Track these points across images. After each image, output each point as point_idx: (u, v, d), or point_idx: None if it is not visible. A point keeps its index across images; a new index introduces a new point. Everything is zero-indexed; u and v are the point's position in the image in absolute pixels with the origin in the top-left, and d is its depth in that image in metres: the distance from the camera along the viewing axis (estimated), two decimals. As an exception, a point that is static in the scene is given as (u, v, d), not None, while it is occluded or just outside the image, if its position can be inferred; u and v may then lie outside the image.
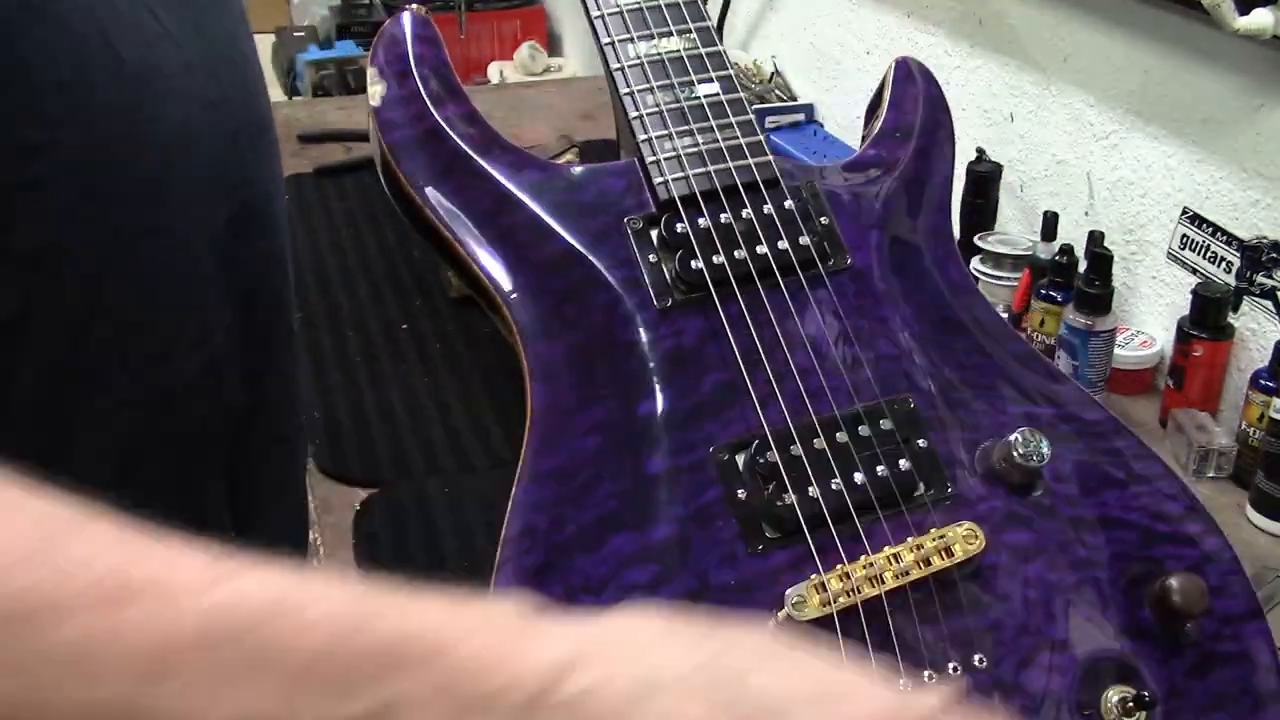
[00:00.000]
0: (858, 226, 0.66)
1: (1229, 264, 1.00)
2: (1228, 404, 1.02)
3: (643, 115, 0.65)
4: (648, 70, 0.66)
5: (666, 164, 0.64)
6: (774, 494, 0.56)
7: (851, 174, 0.70)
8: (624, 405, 0.59)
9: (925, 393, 0.61)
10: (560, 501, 0.56)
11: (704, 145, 0.64)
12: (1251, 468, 0.92)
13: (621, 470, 0.57)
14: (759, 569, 0.55)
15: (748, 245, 0.62)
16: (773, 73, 1.75)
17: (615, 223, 0.63)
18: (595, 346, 0.60)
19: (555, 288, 0.62)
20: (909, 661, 0.54)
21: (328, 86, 2.59)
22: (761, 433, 0.58)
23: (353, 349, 1.08)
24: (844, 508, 0.57)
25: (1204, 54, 1.02)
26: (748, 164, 0.64)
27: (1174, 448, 0.98)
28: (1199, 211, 1.04)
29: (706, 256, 0.62)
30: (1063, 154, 1.21)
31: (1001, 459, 0.59)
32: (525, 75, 2.39)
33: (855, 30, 1.56)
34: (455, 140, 0.65)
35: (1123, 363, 1.05)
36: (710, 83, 0.66)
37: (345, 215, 1.37)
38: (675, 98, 0.66)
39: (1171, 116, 1.06)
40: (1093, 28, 1.15)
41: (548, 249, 0.63)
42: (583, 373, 0.60)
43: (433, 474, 0.92)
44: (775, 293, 0.62)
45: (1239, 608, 0.60)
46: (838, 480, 0.57)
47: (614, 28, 0.66)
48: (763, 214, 0.63)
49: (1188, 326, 0.99)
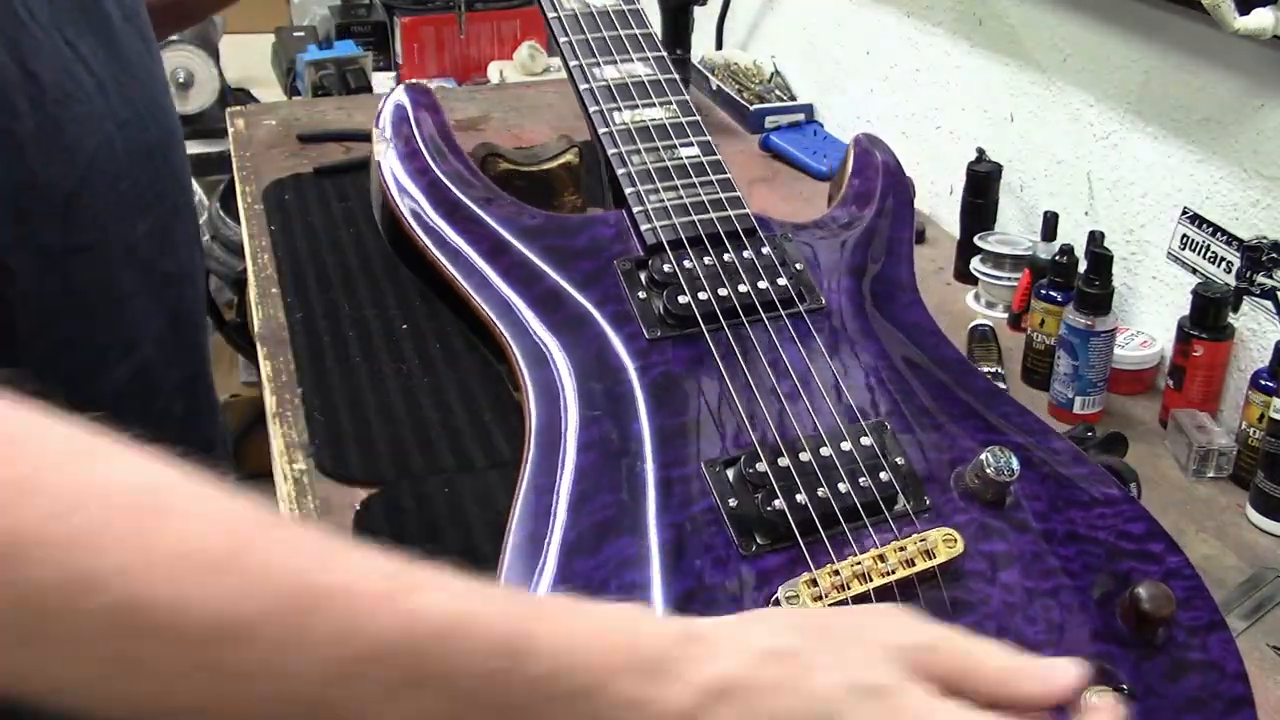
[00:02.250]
0: (828, 273, 0.72)
1: (1229, 264, 1.00)
2: (1228, 404, 1.02)
3: (630, 171, 0.70)
4: (634, 134, 0.72)
5: (653, 213, 0.69)
6: (764, 501, 0.59)
7: (821, 229, 0.77)
8: (618, 424, 0.62)
9: (900, 417, 0.66)
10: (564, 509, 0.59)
11: (687, 198, 0.69)
12: (1251, 468, 0.92)
13: (617, 482, 0.60)
14: (752, 571, 0.58)
15: (730, 284, 0.67)
16: (773, 73, 1.75)
17: (606, 265, 0.68)
18: (589, 372, 0.64)
19: (550, 321, 0.66)
20: None
21: (327, 86, 2.59)
22: (750, 447, 0.61)
23: (353, 349, 1.08)
24: (831, 513, 0.60)
25: (1204, 54, 1.02)
26: (728, 215, 0.70)
27: (1174, 448, 0.98)
28: (1199, 211, 1.04)
29: (693, 293, 0.66)
30: (1063, 154, 1.21)
31: (974, 476, 0.62)
32: (525, 75, 2.39)
33: (855, 30, 1.56)
34: (454, 191, 0.70)
35: (1123, 363, 1.05)
36: (691, 146, 0.73)
37: (345, 215, 1.37)
38: (659, 158, 0.71)
39: (1171, 116, 1.07)
40: (1093, 28, 1.15)
41: (542, 287, 0.67)
42: (578, 395, 0.63)
43: (433, 474, 0.92)
44: (757, 326, 0.66)
45: (1204, 619, 0.62)
46: (824, 489, 0.60)
47: (602, 98, 0.73)
48: (743, 258, 0.69)
49: (1188, 326, 0.99)
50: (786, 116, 1.64)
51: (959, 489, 0.64)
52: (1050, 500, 0.65)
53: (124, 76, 0.63)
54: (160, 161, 0.66)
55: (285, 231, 1.32)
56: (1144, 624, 0.59)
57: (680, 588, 0.57)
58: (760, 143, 1.60)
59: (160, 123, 0.66)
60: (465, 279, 0.67)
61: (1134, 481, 0.88)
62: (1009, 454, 0.62)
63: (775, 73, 1.75)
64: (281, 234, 1.32)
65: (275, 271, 1.24)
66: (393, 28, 2.92)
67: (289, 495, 0.88)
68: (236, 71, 2.72)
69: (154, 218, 0.64)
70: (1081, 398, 1.01)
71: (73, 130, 0.58)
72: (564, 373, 0.64)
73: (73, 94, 0.58)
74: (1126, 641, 0.60)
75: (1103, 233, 1.03)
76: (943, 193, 1.40)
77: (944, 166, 1.40)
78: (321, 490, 0.90)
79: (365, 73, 2.66)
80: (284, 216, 1.36)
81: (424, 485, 0.90)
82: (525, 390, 0.64)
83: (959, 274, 1.27)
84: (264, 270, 1.24)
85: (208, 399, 0.71)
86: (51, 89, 0.56)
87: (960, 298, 1.24)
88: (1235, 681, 0.60)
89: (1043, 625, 0.60)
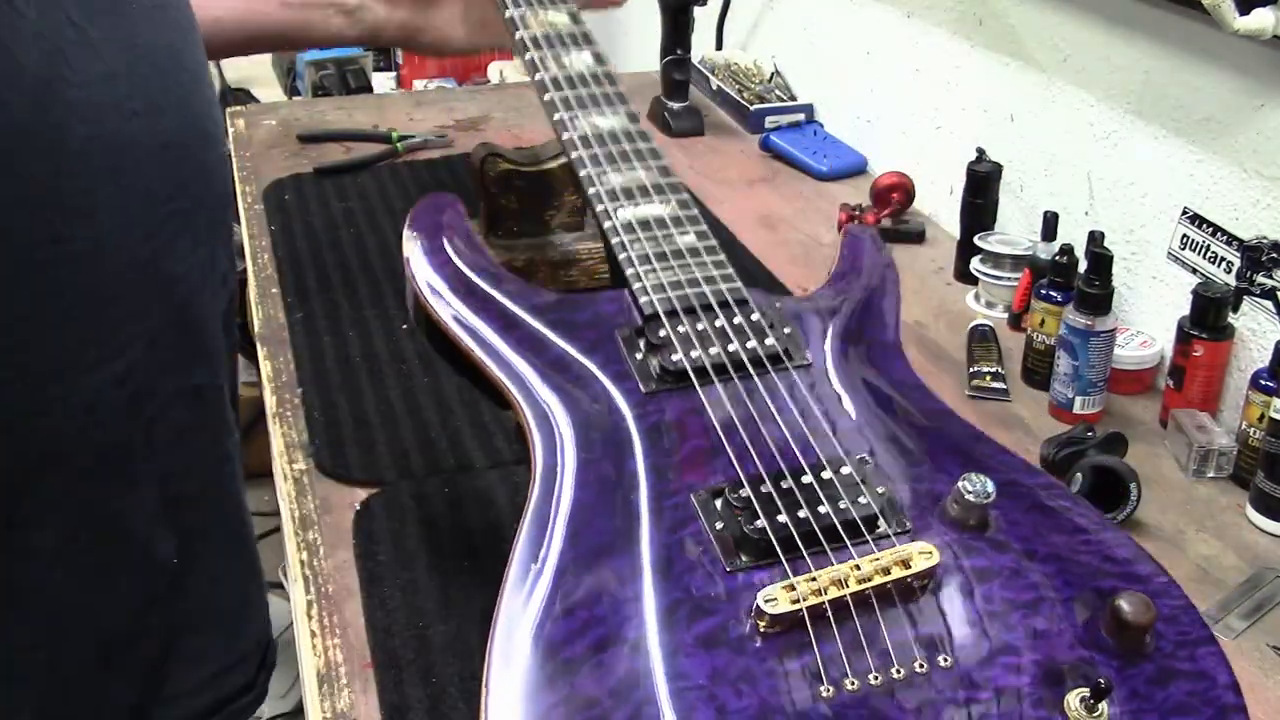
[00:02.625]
0: (815, 336, 0.78)
1: (1229, 264, 1.00)
2: (1228, 404, 1.02)
3: (631, 256, 0.78)
4: (635, 226, 0.80)
5: (650, 288, 0.76)
6: (747, 521, 0.64)
7: (810, 301, 0.83)
8: (615, 464, 0.68)
9: (882, 454, 0.70)
10: (560, 536, 0.63)
11: (683, 276, 0.77)
12: (1251, 468, 0.92)
13: (613, 511, 0.65)
14: (736, 583, 0.62)
15: (720, 344, 0.74)
16: (773, 73, 1.75)
17: (607, 334, 0.75)
18: (590, 423, 0.70)
19: (555, 383, 0.72)
20: (878, 659, 0.59)
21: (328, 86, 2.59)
22: (736, 478, 0.66)
23: (353, 349, 1.08)
24: (812, 532, 0.64)
25: (1204, 54, 1.02)
26: (720, 288, 0.77)
27: (1174, 448, 0.98)
28: (1199, 211, 1.04)
29: (686, 352, 0.73)
30: (1063, 154, 1.21)
31: (954, 502, 0.66)
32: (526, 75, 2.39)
33: (855, 30, 1.56)
34: (474, 278, 0.79)
35: (1123, 363, 1.05)
36: (688, 235, 0.80)
37: (345, 215, 1.37)
38: (659, 244, 0.79)
39: (1171, 116, 1.07)
40: (1093, 28, 1.15)
41: (549, 355, 0.74)
42: (579, 441, 0.69)
43: (433, 474, 0.92)
44: (747, 380, 0.72)
45: (1193, 634, 0.63)
46: (804, 510, 0.64)
47: (607, 198, 0.81)
48: (733, 323, 0.75)
49: (1188, 326, 0.99)
50: (786, 116, 1.64)
51: (942, 519, 0.66)
52: (1033, 526, 0.67)
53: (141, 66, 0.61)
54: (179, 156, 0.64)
55: (285, 231, 1.33)
56: (1127, 633, 0.60)
57: (668, 599, 0.60)
58: (760, 143, 1.60)
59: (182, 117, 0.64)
60: (482, 351, 0.74)
61: (1134, 482, 0.88)
62: (984, 478, 0.65)
63: (775, 73, 1.75)
64: (281, 234, 1.32)
65: (275, 271, 1.24)
66: (393, 28, 2.92)
67: (289, 495, 0.88)
68: (237, 72, 2.72)
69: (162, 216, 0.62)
70: (1081, 398, 1.01)
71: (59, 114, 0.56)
72: (564, 424, 0.70)
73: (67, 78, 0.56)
74: (1112, 651, 0.61)
75: (1103, 233, 1.03)
76: (943, 193, 1.40)
77: (944, 166, 1.40)
78: (321, 490, 0.90)
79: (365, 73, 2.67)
80: (284, 216, 1.37)
81: (424, 485, 0.90)
82: (531, 440, 0.69)
83: (959, 274, 1.27)
84: (264, 270, 1.24)
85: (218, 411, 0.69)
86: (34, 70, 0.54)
87: (960, 298, 1.24)
88: (1226, 691, 0.61)
89: (1023, 632, 0.61)
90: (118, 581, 0.63)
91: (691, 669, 0.57)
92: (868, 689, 0.58)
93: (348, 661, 0.76)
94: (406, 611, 0.78)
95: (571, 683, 0.56)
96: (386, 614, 0.78)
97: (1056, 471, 0.94)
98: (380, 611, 0.78)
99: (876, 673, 0.58)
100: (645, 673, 0.57)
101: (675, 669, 0.57)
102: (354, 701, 0.73)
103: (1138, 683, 0.60)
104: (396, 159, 1.55)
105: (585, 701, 0.55)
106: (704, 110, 1.71)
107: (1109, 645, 0.61)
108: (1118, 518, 0.88)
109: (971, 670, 0.59)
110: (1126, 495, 0.88)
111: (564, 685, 0.56)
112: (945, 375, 1.09)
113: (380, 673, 0.74)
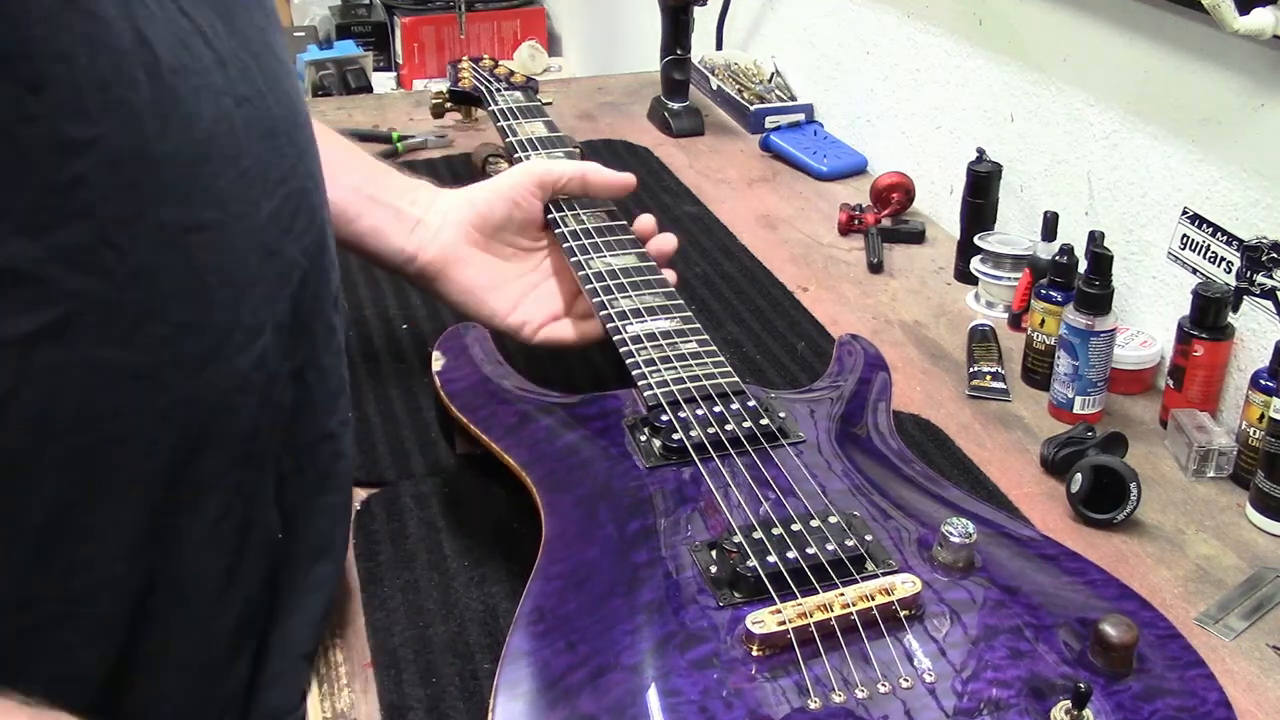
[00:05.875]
0: (809, 418, 0.84)
1: (1229, 264, 1.00)
2: (1228, 404, 1.02)
3: (638, 360, 0.86)
4: (643, 338, 0.88)
5: (655, 383, 0.83)
6: (738, 562, 0.68)
7: (807, 392, 0.90)
8: (617, 527, 0.72)
9: (872, 511, 0.74)
10: (565, 589, 0.68)
11: (684, 374, 0.85)
12: (1251, 468, 0.92)
13: (615, 564, 0.69)
14: (726, 616, 0.65)
15: (718, 424, 0.80)
16: (773, 73, 1.75)
17: (614, 423, 0.82)
18: (596, 496, 0.75)
19: (565, 464, 0.78)
20: (863, 675, 0.61)
21: (328, 86, 2.59)
22: (730, 528, 0.71)
23: (353, 349, 1.08)
24: (801, 570, 0.67)
25: (1204, 54, 1.02)
26: (719, 381, 0.84)
27: (1174, 448, 0.98)
28: (1199, 211, 1.04)
29: (685, 432, 0.79)
30: (1063, 154, 1.21)
31: (939, 545, 0.69)
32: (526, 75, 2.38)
33: (855, 30, 1.56)
34: (495, 382, 0.88)
35: (1123, 363, 1.05)
36: (690, 343, 0.88)
37: (345, 215, 1.37)
38: (663, 350, 0.87)
39: (1171, 116, 1.07)
40: (1093, 28, 1.15)
41: (559, 443, 0.81)
42: (585, 512, 0.74)
43: (433, 474, 0.92)
44: (744, 455, 0.78)
45: (1184, 659, 0.65)
46: (793, 552, 0.68)
47: (618, 317, 0.90)
48: (730, 408, 0.82)
49: (1188, 326, 0.99)
50: (786, 116, 1.64)
51: (931, 563, 0.69)
52: (1020, 568, 0.70)
53: (243, 53, 0.62)
54: (284, 142, 0.65)
55: (285, 231, 1.32)
56: (1111, 653, 0.62)
57: (663, 630, 0.64)
58: (760, 143, 1.60)
59: (282, 102, 0.65)
60: (499, 443, 0.80)
61: (1134, 482, 0.88)
62: (965, 520, 0.69)
63: (775, 73, 1.75)
64: (281, 234, 1.32)
65: (275, 271, 1.24)
66: (393, 28, 2.92)
67: (289, 495, 0.88)
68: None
69: (278, 200, 0.64)
70: (1081, 398, 1.01)
71: (190, 103, 0.57)
72: (572, 499, 0.75)
73: (189, 66, 0.57)
74: (1098, 672, 0.62)
75: (1103, 233, 1.03)
76: (943, 193, 1.40)
77: (944, 166, 1.40)
78: (321, 490, 0.90)
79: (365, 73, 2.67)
80: (284, 216, 1.36)
81: (424, 485, 0.90)
82: (539, 507, 0.74)
83: (959, 274, 1.27)
84: (264, 270, 1.24)
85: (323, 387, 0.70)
86: (167, 59, 0.55)
87: (960, 298, 1.24)
88: (1217, 707, 0.62)
89: (1007, 653, 0.63)
90: (249, 565, 0.64)
91: (684, 686, 0.60)
92: (854, 700, 0.60)
93: (348, 661, 0.76)
94: (406, 611, 0.78)
95: (573, 704, 0.59)
96: (386, 614, 0.78)
97: (1056, 471, 0.94)
98: (380, 611, 0.78)
99: (863, 686, 0.61)
100: (640, 690, 0.60)
101: (668, 687, 0.60)
102: (354, 701, 0.73)
103: (1124, 698, 0.61)
104: (397, 159, 1.55)
105: (585, 717, 0.59)
106: (704, 110, 1.71)
107: (1095, 668, 0.63)
108: (1118, 518, 0.88)
109: (956, 686, 0.61)
110: (1126, 495, 0.88)
111: (565, 708, 0.59)
112: (945, 375, 1.09)
113: (380, 673, 0.74)
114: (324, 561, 0.72)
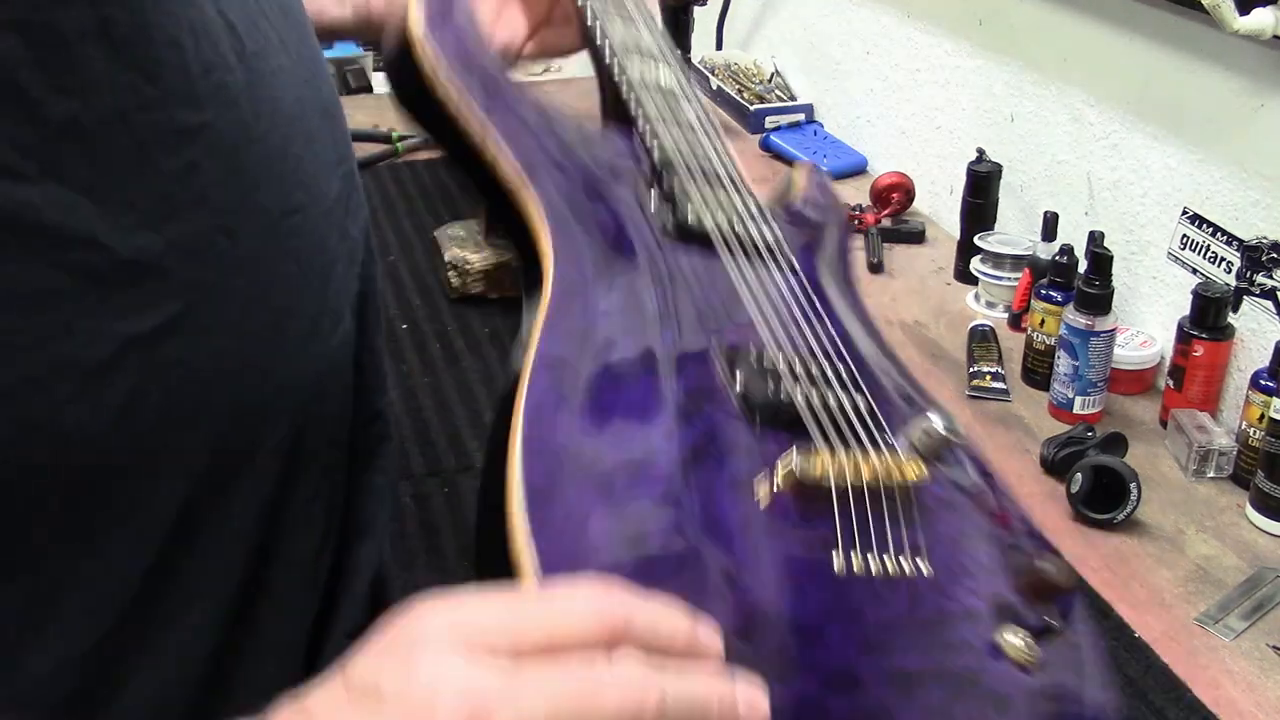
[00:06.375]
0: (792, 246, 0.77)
1: (1229, 264, 1.00)
2: (1228, 404, 1.02)
3: (645, 112, 0.75)
4: (647, 85, 0.78)
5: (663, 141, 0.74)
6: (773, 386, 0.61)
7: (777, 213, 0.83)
8: (629, 293, 0.63)
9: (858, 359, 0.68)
10: (581, 349, 0.58)
11: (689, 142, 0.76)
12: (1251, 468, 0.92)
13: (634, 335, 0.60)
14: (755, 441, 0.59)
15: (728, 216, 0.72)
16: (773, 73, 1.75)
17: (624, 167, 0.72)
18: (610, 247, 0.66)
19: (574, 201, 0.66)
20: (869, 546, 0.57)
21: (328, 86, 2.58)
22: (759, 343, 0.63)
23: (353, 349, 1.08)
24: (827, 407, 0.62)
25: (1204, 54, 1.02)
26: (729, 168, 0.77)
27: (1174, 448, 0.98)
28: (1199, 211, 1.04)
29: (697, 214, 0.69)
30: (1063, 154, 1.21)
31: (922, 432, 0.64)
32: (525, 75, 2.39)
33: (855, 30, 1.56)
34: (490, 70, 0.69)
35: (1123, 363, 1.05)
36: (692, 106, 0.79)
37: (345, 215, 1.37)
38: (668, 110, 0.77)
39: (1171, 116, 1.07)
40: (1093, 28, 1.15)
41: (569, 164, 0.68)
42: (598, 262, 0.64)
43: (433, 474, 0.92)
44: (754, 257, 0.70)
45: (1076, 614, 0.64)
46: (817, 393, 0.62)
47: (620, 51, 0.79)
48: (737, 202, 0.75)
49: (1188, 326, 0.99)
50: (786, 116, 1.64)
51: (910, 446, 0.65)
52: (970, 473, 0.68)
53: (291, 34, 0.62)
54: (335, 122, 0.65)
55: (285, 231, 1.32)
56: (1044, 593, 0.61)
57: (690, 440, 0.56)
58: (760, 143, 1.60)
59: (328, 82, 0.66)
60: (491, 126, 0.65)
61: (1134, 482, 0.88)
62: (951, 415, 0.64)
63: (775, 73, 1.75)
64: (281, 234, 1.32)
65: (275, 271, 1.23)
66: (393, 28, 2.92)
67: (289, 495, 0.88)
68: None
69: (339, 180, 0.64)
70: (1081, 398, 1.01)
71: (272, 85, 0.57)
72: (584, 242, 0.64)
73: (264, 49, 0.57)
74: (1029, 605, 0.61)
75: (1103, 233, 1.03)
76: (943, 193, 1.40)
77: (944, 166, 1.40)
78: (321, 490, 0.90)
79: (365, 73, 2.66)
80: (284, 216, 1.36)
81: (424, 485, 0.90)
82: (545, 251, 0.62)
83: (959, 274, 1.27)
84: (264, 270, 1.24)
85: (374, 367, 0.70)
86: (249, 41, 0.56)
87: (960, 298, 1.24)
88: None
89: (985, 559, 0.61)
90: (327, 547, 0.65)
91: None
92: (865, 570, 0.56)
93: (348, 661, 0.76)
94: (406, 611, 0.78)
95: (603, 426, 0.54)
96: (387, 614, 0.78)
97: (1056, 471, 0.94)
98: (380, 611, 0.78)
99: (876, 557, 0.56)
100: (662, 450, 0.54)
101: None
102: (354, 701, 0.73)
103: None
104: (397, 159, 1.54)
105: None
106: (704, 110, 1.71)
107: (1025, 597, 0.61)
108: (1117, 518, 0.88)
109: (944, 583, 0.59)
110: (1126, 495, 0.88)
111: (594, 431, 0.54)
112: (945, 375, 1.09)
113: (380, 673, 0.74)
114: (368, 542, 0.71)
